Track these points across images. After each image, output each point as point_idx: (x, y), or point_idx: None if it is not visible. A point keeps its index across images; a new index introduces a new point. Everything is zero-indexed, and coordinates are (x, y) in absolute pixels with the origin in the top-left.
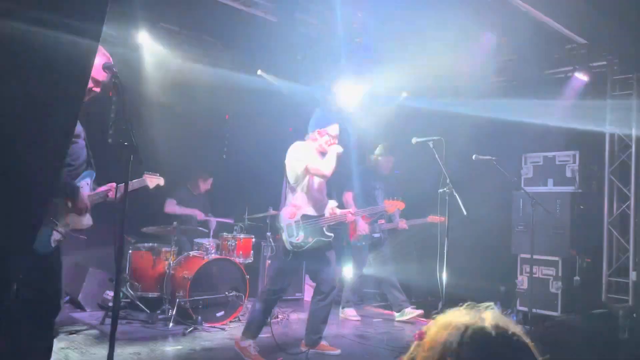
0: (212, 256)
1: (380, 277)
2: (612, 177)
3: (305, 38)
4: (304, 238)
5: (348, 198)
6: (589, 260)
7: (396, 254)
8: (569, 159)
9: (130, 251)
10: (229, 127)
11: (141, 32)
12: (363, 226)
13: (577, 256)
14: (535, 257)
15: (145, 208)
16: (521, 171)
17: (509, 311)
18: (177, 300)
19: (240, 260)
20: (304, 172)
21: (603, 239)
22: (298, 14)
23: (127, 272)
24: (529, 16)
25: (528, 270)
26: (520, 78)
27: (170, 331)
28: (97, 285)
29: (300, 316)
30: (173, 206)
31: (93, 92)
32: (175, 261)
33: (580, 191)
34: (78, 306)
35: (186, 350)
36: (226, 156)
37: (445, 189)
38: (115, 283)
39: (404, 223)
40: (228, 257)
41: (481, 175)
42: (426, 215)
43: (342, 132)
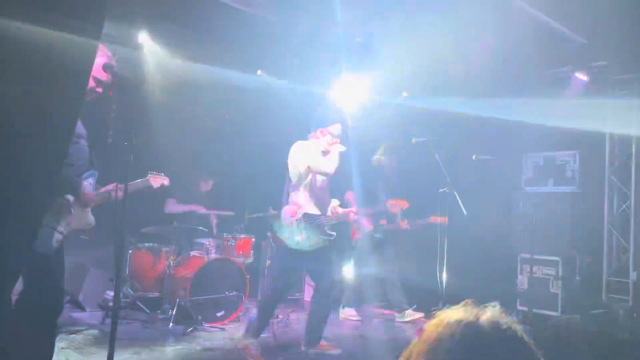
0: (212, 256)
1: (382, 278)
2: (613, 177)
3: (305, 38)
4: (306, 237)
5: (349, 197)
6: (590, 260)
7: (397, 254)
8: (570, 159)
9: (130, 251)
10: (229, 127)
11: (141, 32)
12: (366, 223)
13: (578, 256)
14: (535, 257)
15: (145, 208)
16: (521, 171)
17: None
18: (177, 300)
19: (240, 260)
20: (306, 171)
21: (603, 239)
22: (298, 14)
23: (127, 272)
24: (529, 15)
25: (528, 270)
26: (520, 78)
27: (170, 331)
28: (97, 285)
29: (300, 316)
30: (173, 205)
31: (96, 92)
32: (175, 261)
33: (580, 191)
34: (78, 306)
35: (186, 350)
36: (226, 156)
37: (445, 189)
38: (115, 283)
39: (406, 224)
40: (228, 257)
41: (481, 175)
42: (427, 215)
43: (343, 132)
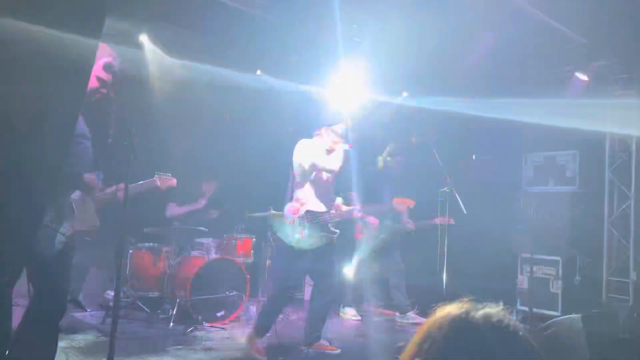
0: (213, 256)
1: (386, 279)
2: (613, 177)
3: (304, 38)
4: (307, 234)
5: (354, 198)
6: (590, 260)
7: (403, 255)
8: (570, 159)
9: (130, 251)
10: (229, 127)
11: (141, 32)
12: (372, 221)
13: (578, 256)
14: (535, 257)
15: (146, 208)
16: (522, 171)
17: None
18: (178, 300)
19: (240, 260)
20: (311, 168)
21: (603, 239)
22: (298, 14)
23: (128, 272)
24: (529, 15)
25: (528, 269)
26: (520, 77)
27: (170, 331)
28: (98, 285)
29: (300, 316)
30: (175, 209)
31: (100, 93)
32: (175, 261)
33: (580, 191)
34: (78, 306)
35: (187, 349)
36: (226, 156)
37: (445, 189)
38: (115, 283)
39: (412, 224)
40: (228, 257)
41: (481, 174)
42: (433, 216)
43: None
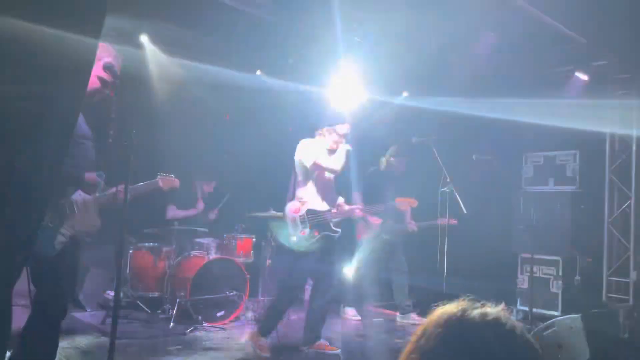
0: (213, 256)
1: (389, 279)
2: (613, 177)
3: (304, 37)
4: (309, 232)
5: (356, 198)
6: (590, 260)
7: (406, 256)
8: (570, 159)
9: (130, 251)
10: (229, 127)
11: (141, 32)
12: (374, 220)
13: (578, 256)
14: (535, 257)
15: (146, 208)
16: (522, 171)
17: (511, 310)
18: (178, 300)
19: (240, 260)
20: (312, 167)
21: (603, 239)
22: (298, 14)
23: (128, 272)
24: (529, 15)
25: (528, 269)
26: (520, 77)
27: (170, 331)
28: (98, 285)
29: (300, 316)
30: (174, 212)
31: (102, 93)
32: (175, 261)
33: (580, 191)
34: (78, 306)
35: (187, 349)
36: (226, 156)
37: (445, 189)
38: (115, 283)
39: (414, 225)
40: (229, 257)
41: (482, 174)
42: (435, 216)
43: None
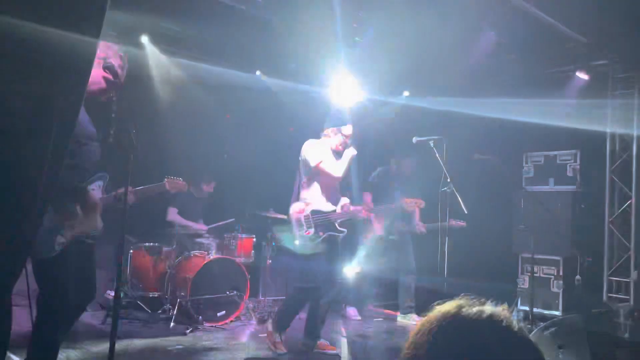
0: (213, 256)
1: (395, 280)
2: (613, 177)
3: (304, 37)
4: (314, 233)
5: (367, 199)
6: (590, 259)
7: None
8: (570, 158)
9: (131, 251)
10: (230, 127)
11: (142, 32)
12: (376, 228)
13: (578, 255)
14: (536, 257)
15: (146, 209)
16: (522, 170)
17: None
18: (178, 299)
19: (241, 259)
20: (316, 168)
21: (604, 239)
22: (298, 13)
23: (128, 272)
24: (530, 15)
25: (529, 269)
26: (520, 77)
27: (171, 331)
28: (98, 284)
29: (300, 316)
30: (174, 215)
31: (108, 93)
32: (176, 261)
33: (581, 190)
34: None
35: (187, 349)
36: (227, 156)
37: (446, 188)
38: (115, 283)
39: (423, 227)
40: (229, 257)
41: (482, 174)
42: (437, 216)
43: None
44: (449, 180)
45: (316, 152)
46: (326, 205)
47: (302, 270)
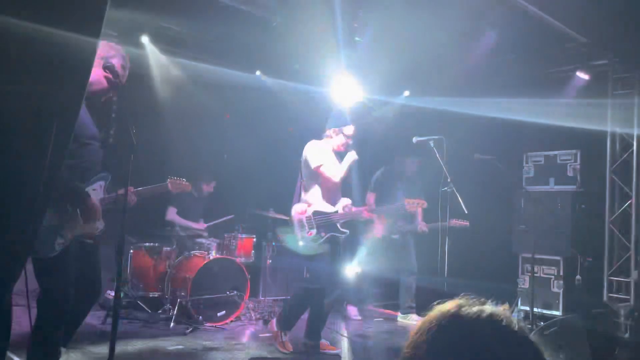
0: (213, 256)
1: (396, 279)
2: (614, 176)
3: (305, 37)
4: (317, 233)
5: (370, 199)
6: (590, 259)
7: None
8: (571, 158)
9: (131, 251)
10: (230, 127)
11: (142, 32)
12: (378, 229)
13: (579, 255)
14: (536, 257)
15: (146, 208)
16: (522, 170)
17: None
18: (179, 299)
19: (241, 259)
20: (316, 169)
21: (604, 239)
22: (298, 13)
23: (129, 272)
24: (530, 14)
25: (529, 269)
26: (520, 77)
27: (171, 331)
28: None
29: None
30: (174, 215)
31: (109, 93)
32: (176, 261)
33: (581, 190)
34: None
35: (187, 349)
36: (227, 156)
37: (446, 188)
38: (116, 283)
39: (425, 226)
40: (229, 257)
41: (482, 174)
42: (437, 217)
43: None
44: (449, 180)
45: (317, 155)
46: (328, 206)
47: (306, 271)
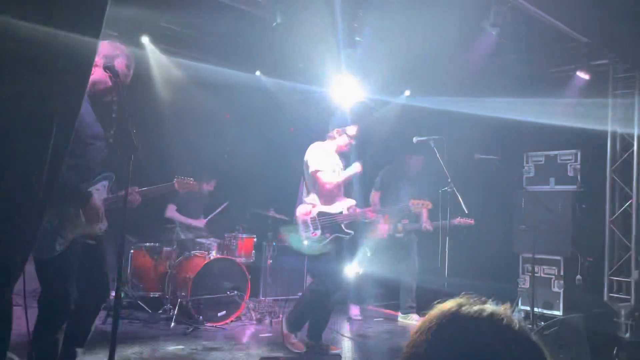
0: (214, 256)
1: (397, 279)
2: (614, 176)
3: (305, 37)
4: (321, 234)
5: (374, 198)
6: (591, 259)
7: (418, 257)
8: (571, 158)
9: (131, 251)
10: (230, 127)
11: (142, 32)
12: (382, 229)
13: (579, 255)
14: (537, 257)
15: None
16: (523, 170)
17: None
18: (179, 300)
19: (241, 259)
20: (313, 173)
21: (605, 238)
22: (298, 13)
23: (129, 272)
24: (530, 14)
25: (530, 269)
26: (521, 77)
27: (172, 331)
28: None
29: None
30: (173, 212)
31: (113, 92)
32: (177, 261)
33: (582, 190)
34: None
35: (188, 349)
36: (227, 156)
37: (447, 188)
38: (116, 283)
39: (430, 224)
40: (230, 257)
41: (483, 174)
42: (446, 217)
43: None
44: (449, 180)
45: (316, 159)
46: (332, 207)
47: (314, 272)
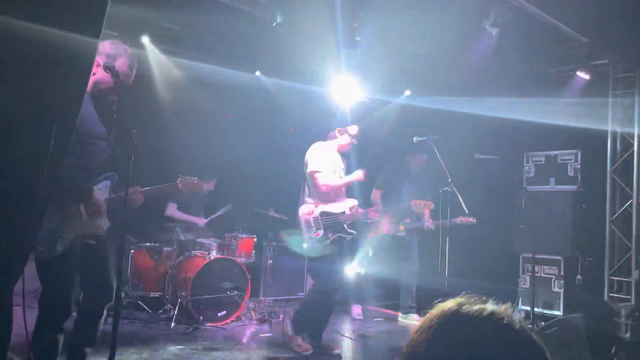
0: (214, 256)
1: (397, 278)
2: (614, 176)
3: (305, 37)
4: (324, 234)
5: (376, 197)
6: (591, 259)
7: (419, 256)
8: (571, 158)
9: (132, 251)
10: (230, 127)
11: (142, 32)
12: (386, 227)
13: (579, 255)
14: (537, 257)
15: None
16: (523, 170)
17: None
18: (179, 300)
19: (242, 259)
20: (311, 173)
21: (605, 238)
22: (298, 13)
23: (129, 272)
24: (530, 14)
25: (530, 269)
26: (521, 77)
27: (172, 331)
28: None
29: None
30: (173, 210)
31: (115, 92)
32: (177, 261)
33: (582, 190)
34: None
35: (188, 349)
36: (227, 156)
37: (447, 188)
38: (116, 283)
39: (432, 223)
40: (230, 257)
41: (483, 174)
42: (447, 217)
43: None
44: (449, 180)
45: (316, 160)
46: (335, 206)
47: (315, 272)
